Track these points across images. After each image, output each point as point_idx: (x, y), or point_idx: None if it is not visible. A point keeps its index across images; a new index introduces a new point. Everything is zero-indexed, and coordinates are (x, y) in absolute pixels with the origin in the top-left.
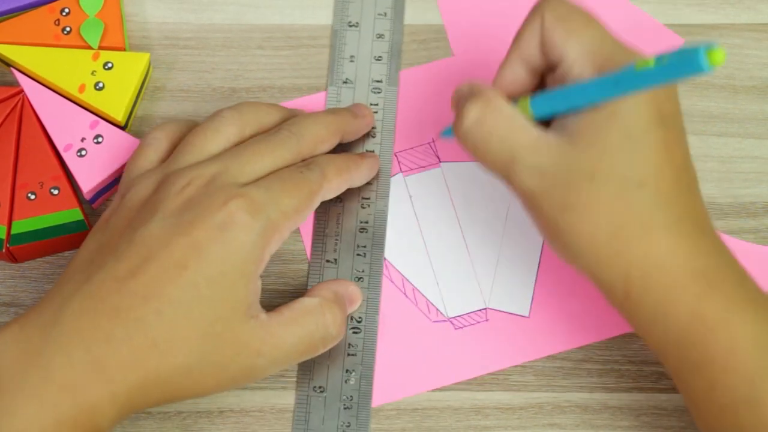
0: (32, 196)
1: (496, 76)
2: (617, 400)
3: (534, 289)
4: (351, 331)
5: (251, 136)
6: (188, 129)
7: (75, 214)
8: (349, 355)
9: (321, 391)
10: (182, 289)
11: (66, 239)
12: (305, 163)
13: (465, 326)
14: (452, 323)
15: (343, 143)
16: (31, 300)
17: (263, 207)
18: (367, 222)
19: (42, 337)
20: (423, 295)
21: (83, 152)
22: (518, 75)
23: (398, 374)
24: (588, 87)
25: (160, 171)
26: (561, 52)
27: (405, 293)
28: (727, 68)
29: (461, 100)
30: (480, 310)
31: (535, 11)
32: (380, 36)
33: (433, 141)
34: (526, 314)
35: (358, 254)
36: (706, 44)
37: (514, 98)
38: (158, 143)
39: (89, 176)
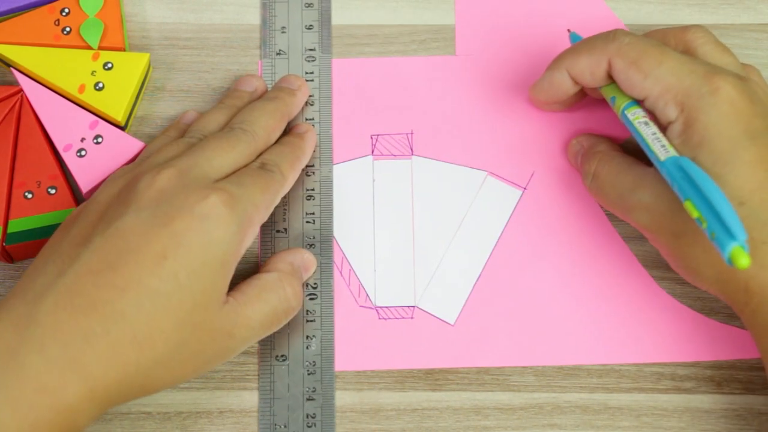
0: (29, 195)
1: (540, 82)
2: (617, 401)
3: (466, 301)
4: (308, 298)
5: None
6: None
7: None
8: (308, 321)
9: (283, 360)
10: (162, 280)
11: None
12: (262, 163)
13: (389, 318)
14: (377, 311)
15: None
16: None
17: (239, 201)
18: (313, 189)
19: (16, 336)
20: (357, 277)
21: (83, 152)
22: (564, 85)
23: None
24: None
25: (127, 171)
26: (642, 93)
27: (341, 272)
28: None
29: (577, 156)
30: (408, 306)
31: (597, 47)
32: (309, 5)
33: (411, 133)
34: (452, 322)
35: (307, 221)
36: (736, 241)
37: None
38: (140, 161)
39: (89, 176)
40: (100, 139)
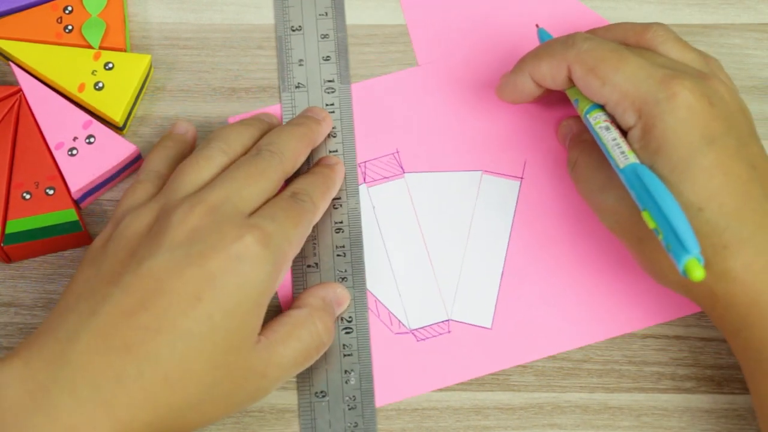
0: (27, 196)
1: (502, 85)
2: (617, 401)
3: (497, 301)
4: (343, 332)
5: (236, 159)
6: (181, 156)
7: (70, 214)
8: (345, 355)
9: (323, 396)
10: (196, 321)
11: (60, 239)
12: (293, 193)
13: (427, 338)
14: (414, 335)
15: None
16: (31, 300)
17: (273, 238)
18: (341, 222)
19: (49, 375)
20: (385, 306)
21: (74, 151)
22: (527, 88)
23: None
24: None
25: (156, 202)
26: (601, 99)
27: (368, 305)
28: (728, 68)
29: (566, 139)
30: (442, 321)
31: (556, 53)
32: (325, 36)
33: (398, 152)
34: (489, 326)
35: (338, 255)
36: (689, 254)
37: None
38: (153, 177)
39: (79, 176)
40: (92, 140)
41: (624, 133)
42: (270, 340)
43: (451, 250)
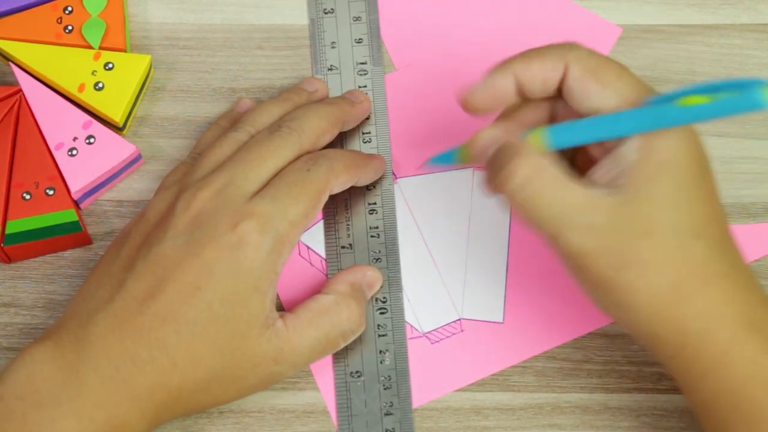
0: (27, 196)
1: (479, 86)
2: (617, 401)
3: (505, 294)
4: (378, 312)
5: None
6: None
7: (69, 215)
8: (380, 336)
9: (358, 376)
10: (197, 310)
11: (60, 240)
12: (312, 156)
13: (441, 339)
14: (428, 338)
15: (342, 130)
16: (31, 300)
17: (271, 221)
18: (375, 203)
19: (75, 355)
20: None
21: (74, 152)
22: (506, 92)
23: None
24: (624, 117)
25: (178, 184)
26: (597, 105)
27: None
28: (728, 68)
29: (498, 156)
30: (454, 321)
31: (553, 53)
32: (357, 18)
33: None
34: (501, 320)
35: (371, 236)
36: (758, 81)
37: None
38: (191, 160)
39: (79, 176)
40: (92, 140)
41: (602, 147)
42: (287, 326)
43: (454, 249)
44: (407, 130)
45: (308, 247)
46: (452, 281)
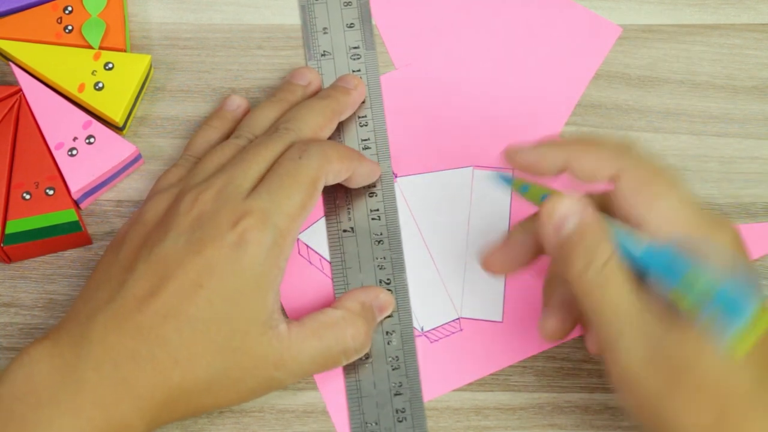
0: (27, 196)
1: (525, 153)
2: (617, 401)
3: (504, 293)
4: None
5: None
6: (225, 137)
7: (69, 214)
8: (386, 317)
9: (366, 358)
10: (199, 307)
11: (60, 239)
12: (303, 144)
13: (441, 338)
14: (427, 337)
15: (340, 120)
16: (31, 300)
17: (269, 217)
18: (375, 186)
19: (74, 353)
20: None
21: (74, 152)
22: (554, 165)
23: None
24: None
25: (177, 187)
26: (643, 218)
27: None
28: (727, 68)
29: (581, 237)
30: (453, 320)
31: (609, 152)
32: (347, 3)
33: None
34: (500, 319)
35: (372, 218)
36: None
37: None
38: (189, 161)
39: (79, 176)
40: (92, 140)
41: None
42: (291, 333)
43: (453, 248)
44: (407, 129)
45: (308, 246)
46: (451, 280)
